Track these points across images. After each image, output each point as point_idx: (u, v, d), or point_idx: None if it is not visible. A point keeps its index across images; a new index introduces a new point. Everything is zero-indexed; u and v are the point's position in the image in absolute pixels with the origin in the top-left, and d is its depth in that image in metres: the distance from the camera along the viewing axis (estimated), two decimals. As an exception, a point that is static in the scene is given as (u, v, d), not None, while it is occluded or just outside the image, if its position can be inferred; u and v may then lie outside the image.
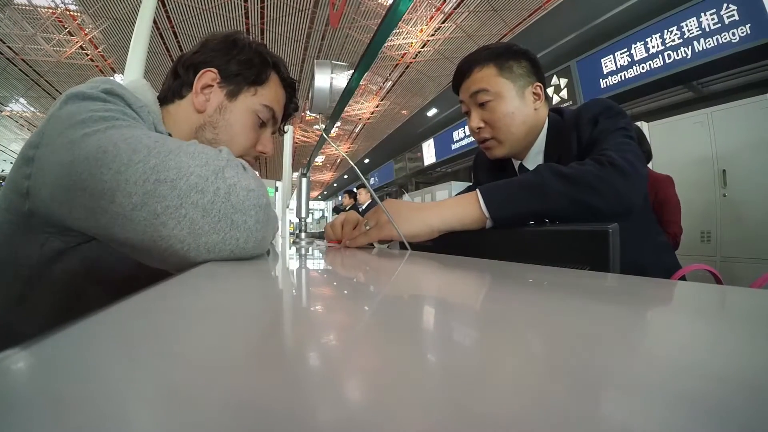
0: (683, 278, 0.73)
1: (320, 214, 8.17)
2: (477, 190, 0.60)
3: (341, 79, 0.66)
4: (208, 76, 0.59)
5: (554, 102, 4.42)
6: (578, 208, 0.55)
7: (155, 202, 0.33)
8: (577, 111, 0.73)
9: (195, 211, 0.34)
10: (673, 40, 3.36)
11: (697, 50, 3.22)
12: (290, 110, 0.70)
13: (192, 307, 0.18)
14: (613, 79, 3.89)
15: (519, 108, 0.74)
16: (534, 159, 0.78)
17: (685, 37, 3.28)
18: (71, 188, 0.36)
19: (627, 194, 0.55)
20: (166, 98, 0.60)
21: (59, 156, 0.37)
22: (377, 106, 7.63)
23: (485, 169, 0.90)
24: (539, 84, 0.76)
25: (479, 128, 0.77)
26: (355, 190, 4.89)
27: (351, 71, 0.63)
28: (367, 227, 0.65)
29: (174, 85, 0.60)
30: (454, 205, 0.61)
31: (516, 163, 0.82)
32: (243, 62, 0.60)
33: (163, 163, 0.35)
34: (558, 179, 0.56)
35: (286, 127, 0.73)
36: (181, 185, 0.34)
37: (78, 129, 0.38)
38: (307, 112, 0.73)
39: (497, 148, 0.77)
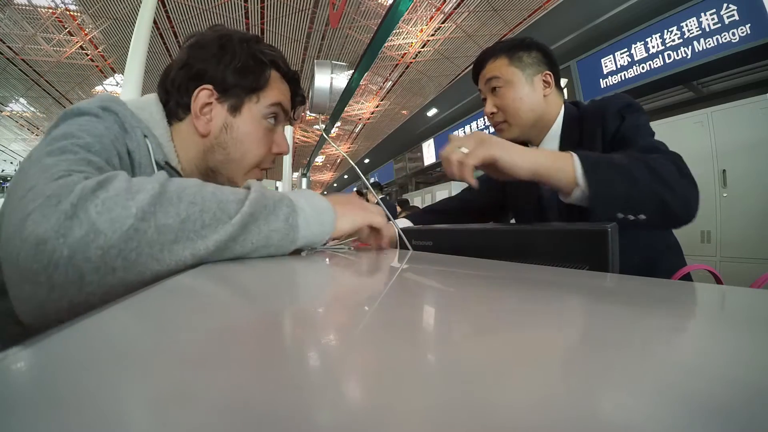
0: (689, 277, 0.73)
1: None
2: (574, 154, 0.56)
3: (341, 79, 0.66)
4: (204, 94, 0.54)
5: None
6: (653, 201, 0.54)
7: None
8: (600, 104, 0.76)
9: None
10: (673, 40, 3.36)
11: (697, 50, 3.21)
12: (297, 103, 0.65)
13: (190, 307, 0.18)
14: (613, 79, 3.89)
15: (528, 94, 0.80)
16: (550, 145, 0.82)
17: (685, 37, 3.27)
18: None
19: (693, 206, 0.56)
20: (168, 115, 0.56)
21: None
22: (377, 106, 7.63)
23: None
24: (549, 72, 0.81)
25: (492, 113, 0.84)
26: (364, 191, 4.65)
27: (351, 71, 0.64)
28: (464, 149, 0.56)
29: (170, 105, 0.56)
30: (551, 157, 0.57)
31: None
32: (238, 70, 0.55)
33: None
34: (647, 171, 0.54)
35: (286, 128, 0.70)
36: None
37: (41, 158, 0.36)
38: (307, 112, 0.73)
39: (508, 131, 0.83)
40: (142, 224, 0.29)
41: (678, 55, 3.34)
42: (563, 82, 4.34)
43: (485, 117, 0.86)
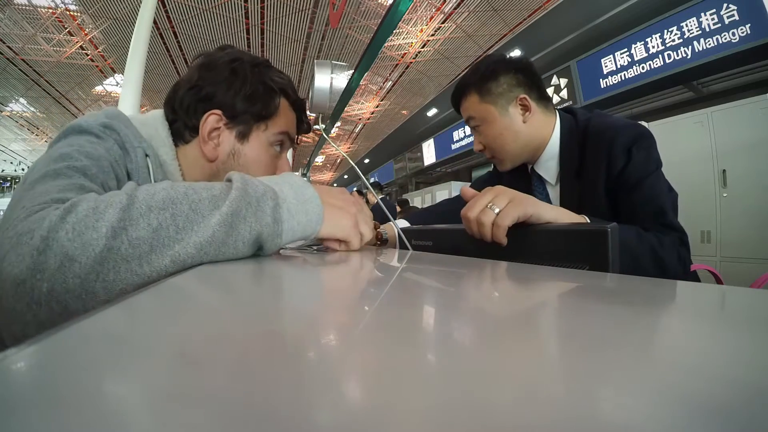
0: (695, 276, 0.73)
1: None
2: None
3: (341, 79, 0.66)
4: (212, 119, 0.54)
5: (554, 102, 4.42)
6: (642, 268, 0.59)
7: None
8: (608, 131, 0.70)
9: None
10: (673, 40, 3.36)
11: (697, 50, 3.22)
12: (302, 130, 0.65)
13: (190, 307, 0.18)
14: (613, 79, 3.89)
15: (507, 127, 0.77)
16: (546, 165, 0.80)
17: (685, 37, 3.28)
18: None
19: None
20: (174, 135, 0.56)
21: None
22: (377, 106, 7.63)
23: None
24: (524, 96, 0.76)
25: (480, 150, 0.83)
26: (364, 191, 4.55)
27: (351, 71, 0.64)
28: (495, 209, 0.52)
29: (177, 125, 0.55)
30: (572, 219, 0.57)
31: (529, 166, 0.84)
32: (248, 97, 0.55)
33: None
34: (652, 261, 0.60)
35: None
36: None
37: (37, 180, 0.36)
38: (308, 112, 0.73)
39: (501, 164, 0.83)
40: (115, 242, 0.28)
41: (678, 55, 3.35)
42: (563, 81, 4.34)
43: None
